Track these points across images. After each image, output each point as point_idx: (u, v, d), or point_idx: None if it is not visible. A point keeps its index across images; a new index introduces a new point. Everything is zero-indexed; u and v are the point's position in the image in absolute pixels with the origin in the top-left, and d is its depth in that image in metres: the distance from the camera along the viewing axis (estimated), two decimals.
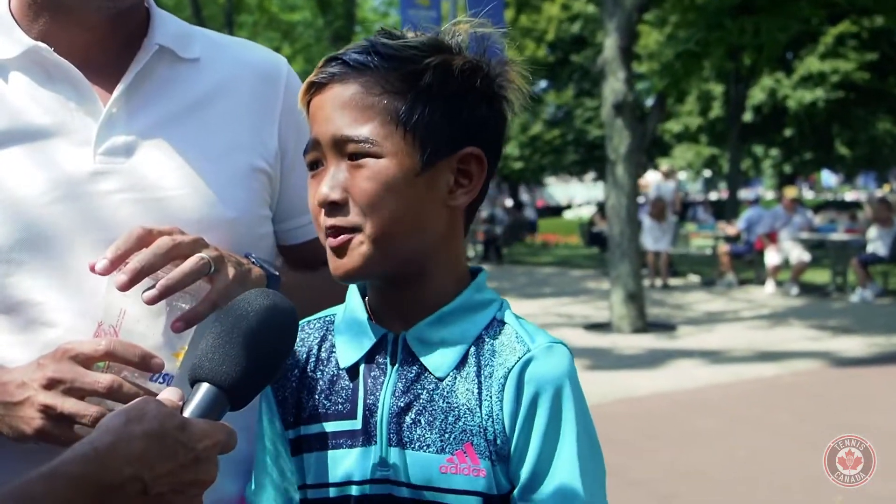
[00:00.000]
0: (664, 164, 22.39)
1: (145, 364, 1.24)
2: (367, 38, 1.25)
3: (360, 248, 1.19)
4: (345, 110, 1.19)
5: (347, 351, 1.27)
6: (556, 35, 31.41)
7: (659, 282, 15.37)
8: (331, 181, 1.19)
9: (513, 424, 1.18)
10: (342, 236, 1.19)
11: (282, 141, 1.52)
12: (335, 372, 1.28)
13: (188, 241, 1.31)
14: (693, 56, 17.92)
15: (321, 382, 1.28)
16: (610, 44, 11.21)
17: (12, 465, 1.22)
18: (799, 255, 14.31)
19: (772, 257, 14.57)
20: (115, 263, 1.27)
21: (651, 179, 19.33)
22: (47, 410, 1.23)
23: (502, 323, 1.25)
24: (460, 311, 1.24)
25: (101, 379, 1.23)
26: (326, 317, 1.34)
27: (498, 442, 1.19)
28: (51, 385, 1.23)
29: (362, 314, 1.27)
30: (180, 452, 1.00)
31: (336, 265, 1.21)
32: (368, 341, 1.26)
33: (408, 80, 1.19)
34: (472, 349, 1.23)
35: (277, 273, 1.44)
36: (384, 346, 1.25)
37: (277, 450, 1.32)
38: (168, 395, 1.08)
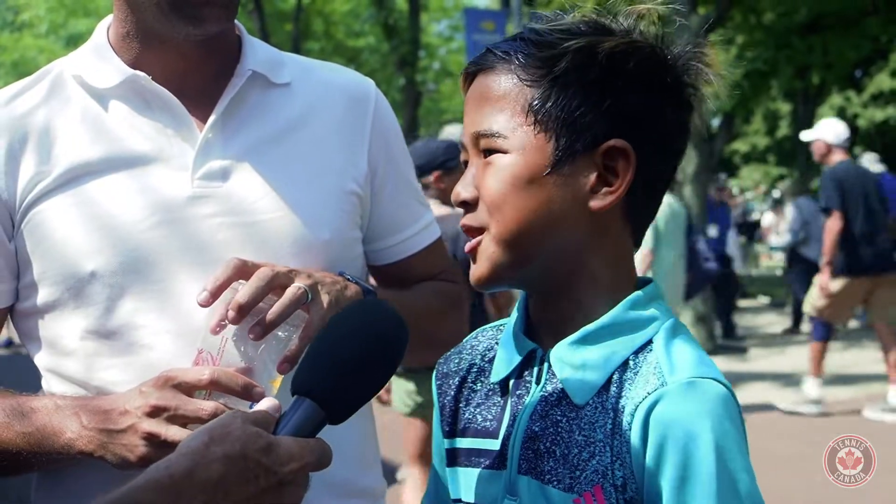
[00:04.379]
0: (729, 183, 22.15)
1: (247, 393, 1.26)
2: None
3: (487, 252, 1.09)
4: (480, 104, 1.11)
5: (500, 364, 1.17)
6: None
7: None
8: (465, 179, 1.12)
9: (641, 471, 1.02)
10: (473, 241, 1.11)
11: (371, 162, 1.54)
12: (491, 385, 1.19)
13: (284, 270, 1.33)
14: (761, 75, 17.71)
15: (478, 395, 1.20)
16: None
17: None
18: None
19: None
20: (216, 294, 1.30)
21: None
22: (151, 438, 1.25)
23: (652, 347, 1.08)
24: (607, 330, 1.09)
25: (204, 406, 1.24)
26: (503, 324, 1.23)
27: (628, 489, 1.03)
28: (154, 413, 1.25)
29: (519, 325, 1.17)
30: (262, 477, 0.96)
31: (471, 272, 1.12)
32: (518, 356, 1.14)
33: (544, 67, 1.07)
34: (616, 376, 1.07)
35: (372, 288, 1.45)
36: (533, 363, 1.14)
37: (442, 456, 1.25)
38: (265, 405, 1.05)
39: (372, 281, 1.55)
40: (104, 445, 1.28)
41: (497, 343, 1.21)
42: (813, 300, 7.51)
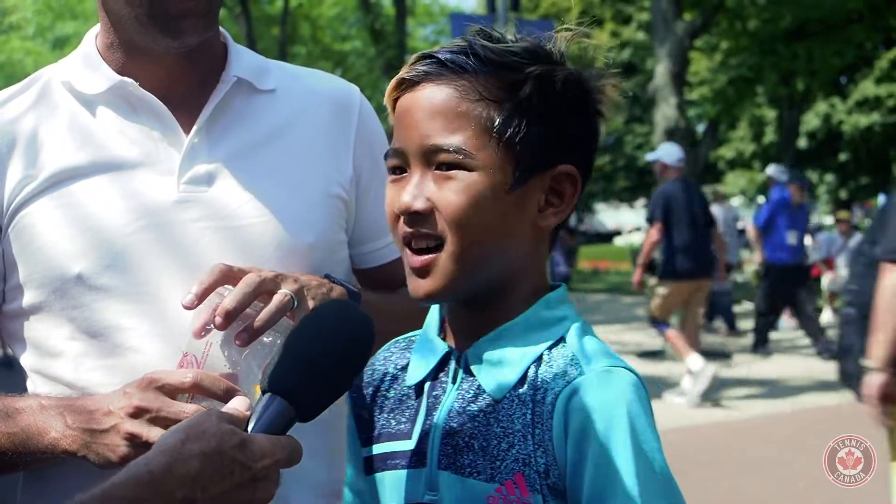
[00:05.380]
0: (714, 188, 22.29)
1: (229, 397, 1.26)
2: (465, 36, 1.17)
3: (444, 269, 1.12)
4: (436, 116, 1.12)
5: (415, 369, 1.22)
6: (605, 62, 31.40)
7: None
8: (415, 190, 1.13)
9: (563, 457, 1.08)
10: (425, 256, 1.13)
11: (356, 167, 1.56)
12: (405, 391, 1.24)
13: (271, 276, 1.35)
14: (746, 82, 17.81)
15: (392, 401, 1.25)
16: (661, 70, 11.22)
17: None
18: None
19: (829, 284, 14.33)
20: (201, 298, 1.31)
21: None
22: (133, 438, 1.26)
23: (565, 342, 1.15)
24: (523, 328, 1.15)
25: (186, 409, 1.26)
26: (413, 336, 1.29)
27: (551, 475, 1.09)
28: (137, 414, 1.27)
29: (434, 331, 1.23)
30: (237, 472, 0.99)
31: (417, 285, 1.15)
32: (434, 359, 1.20)
33: (506, 90, 1.11)
34: (532, 370, 1.13)
35: (357, 290, 1.47)
36: (447, 365, 1.19)
37: (357, 468, 1.30)
38: (236, 404, 1.08)
39: (357, 283, 1.57)
40: (87, 445, 1.30)
41: (409, 352, 1.26)
42: (651, 303, 8.71)
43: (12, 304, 1.46)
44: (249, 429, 1.04)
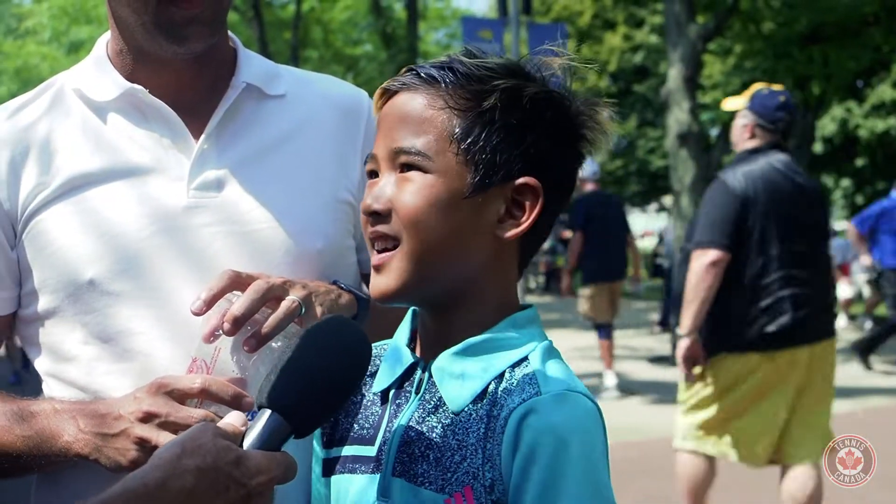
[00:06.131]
0: None
1: (237, 403, 1.28)
2: (449, 55, 1.22)
3: (398, 268, 1.15)
4: (404, 122, 1.17)
5: (382, 376, 1.25)
6: (618, 65, 31.46)
7: None
8: (377, 191, 1.18)
9: (509, 473, 1.09)
10: (384, 255, 1.16)
11: (364, 172, 1.56)
12: (371, 397, 1.26)
13: (279, 282, 1.36)
14: None
15: (358, 406, 1.27)
16: (674, 74, 11.19)
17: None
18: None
19: (844, 290, 14.26)
20: (210, 304, 1.33)
21: None
22: (142, 443, 1.27)
23: (528, 362, 1.17)
24: (488, 344, 1.18)
25: (194, 414, 1.27)
26: (386, 344, 1.31)
27: (495, 490, 1.10)
28: (146, 418, 1.28)
29: (405, 340, 1.25)
30: (232, 488, 1.00)
31: (374, 283, 1.18)
32: (400, 368, 1.23)
33: (472, 100, 1.15)
34: (492, 386, 1.15)
35: (366, 296, 1.47)
36: (413, 375, 1.22)
37: (316, 469, 1.33)
38: (231, 419, 1.09)
39: (365, 289, 1.57)
40: (98, 449, 1.31)
41: (380, 360, 1.28)
42: (580, 306, 9.48)
43: (28, 310, 1.48)
44: (245, 445, 1.05)
